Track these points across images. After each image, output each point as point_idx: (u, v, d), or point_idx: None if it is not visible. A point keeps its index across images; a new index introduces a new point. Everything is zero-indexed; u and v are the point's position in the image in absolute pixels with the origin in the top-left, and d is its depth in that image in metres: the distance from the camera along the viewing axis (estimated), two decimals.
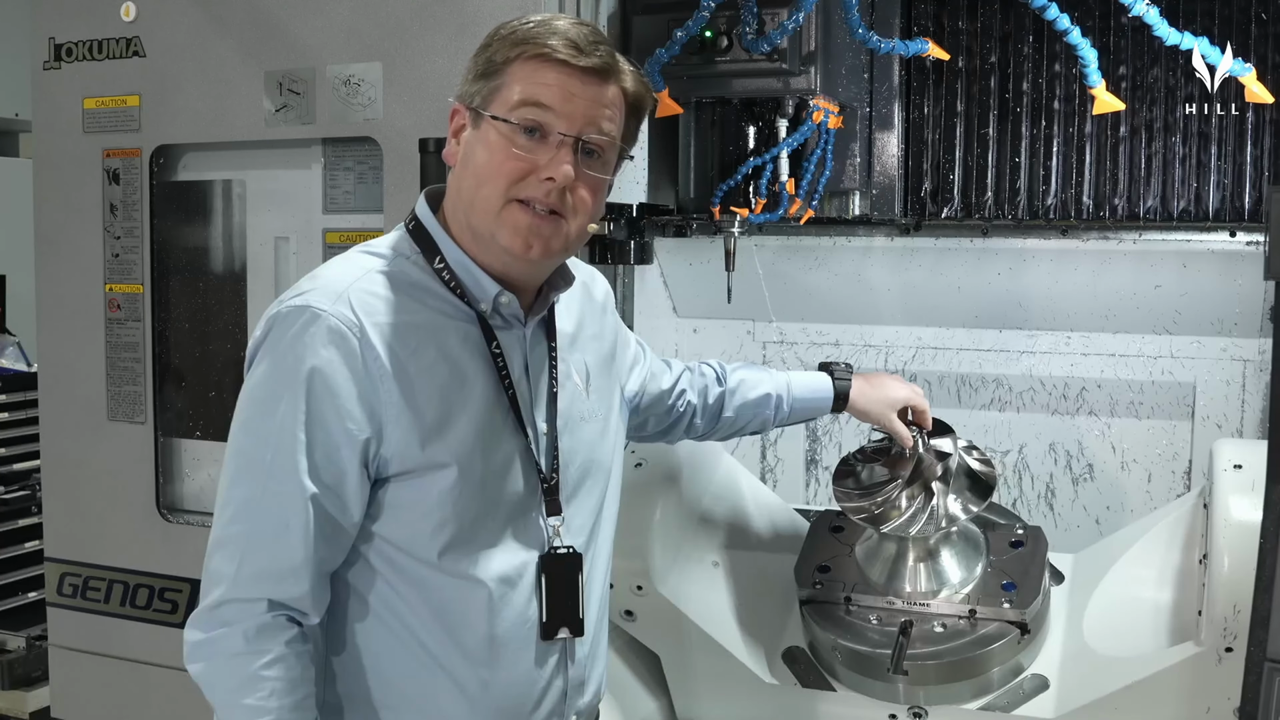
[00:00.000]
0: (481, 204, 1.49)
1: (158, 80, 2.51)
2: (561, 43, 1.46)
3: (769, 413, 2.04)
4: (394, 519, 1.49)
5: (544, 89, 1.47)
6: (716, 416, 2.02)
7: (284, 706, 1.43)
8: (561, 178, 1.47)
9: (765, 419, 2.04)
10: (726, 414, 2.01)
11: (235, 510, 1.46)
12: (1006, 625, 2.05)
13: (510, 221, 1.49)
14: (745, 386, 2.02)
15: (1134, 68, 2.43)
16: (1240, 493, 1.92)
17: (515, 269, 1.55)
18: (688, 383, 1.99)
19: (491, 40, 1.51)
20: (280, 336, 1.45)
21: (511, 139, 1.47)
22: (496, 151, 1.47)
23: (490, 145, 1.48)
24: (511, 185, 1.48)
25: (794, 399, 2.04)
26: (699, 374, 2.02)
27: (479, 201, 1.50)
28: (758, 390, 2.03)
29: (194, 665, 1.46)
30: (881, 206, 2.55)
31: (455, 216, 1.55)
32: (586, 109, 1.48)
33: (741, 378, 2.03)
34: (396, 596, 1.51)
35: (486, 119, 1.48)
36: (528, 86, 1.47)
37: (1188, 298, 2.58)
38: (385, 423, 1.45)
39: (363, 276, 1.50)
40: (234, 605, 1.44)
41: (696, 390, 2.00)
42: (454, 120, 1.54)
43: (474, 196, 1.50)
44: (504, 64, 1.48)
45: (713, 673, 2.23)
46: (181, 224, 2.61)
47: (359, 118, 2.31)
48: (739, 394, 2.02)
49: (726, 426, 2.04)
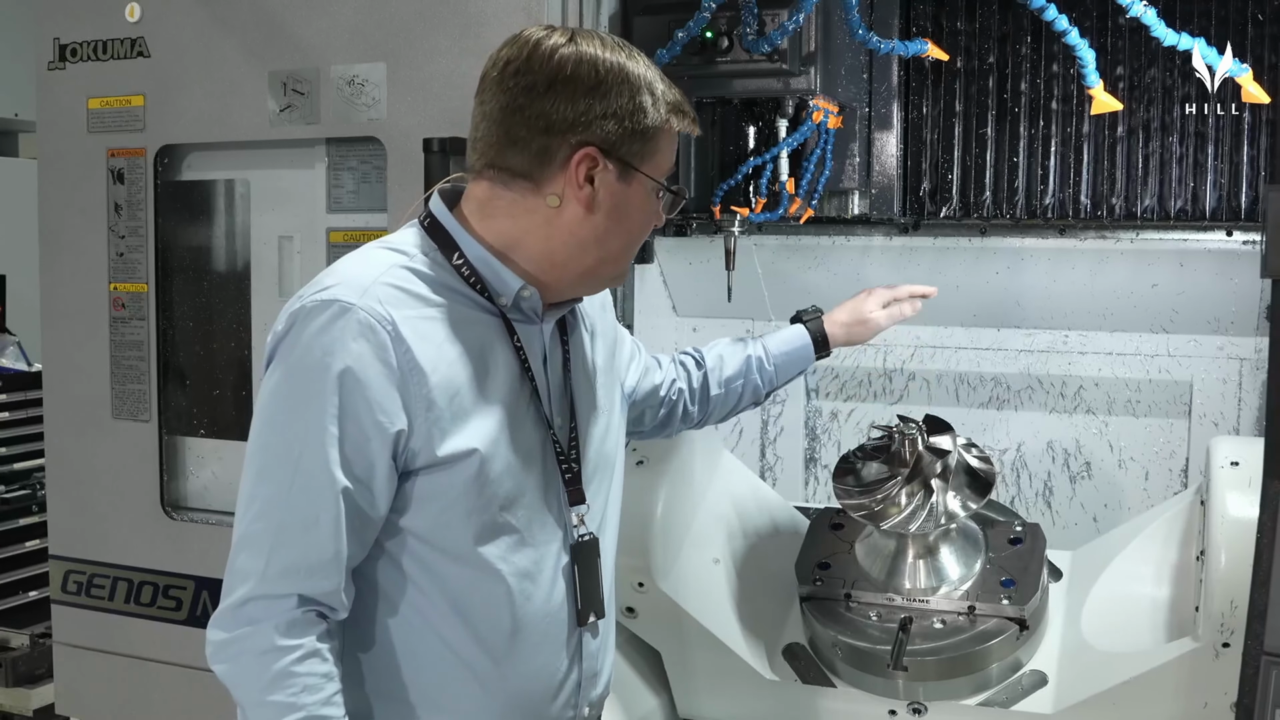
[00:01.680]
0: (624, 260, 1.59)
1: (162, 80, 2.50)
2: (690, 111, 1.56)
3: (755, 378, 2.03)
4: (420, 511, 1.49)
5: (674, 156, 1.58)
6: (706, 397, 2.01)
7: (317, 702, 1.41)
8: (661, 224, 1.61)
9: (755, 386, 2.03)
10: (715, 392, 2.01)
11: (262, 506, 1.44)
12: (1005, 621, 2.06)
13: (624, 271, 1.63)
14: (724, 361, 2.02)
15: (1131, 68, 2.43)
16: (1237, 489, 1.92)
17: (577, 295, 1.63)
18: (674, 373, 2.00)
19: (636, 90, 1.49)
20: (303, 331, 1.44)
21: (656, 201, 1.57)
22: (649, 215, 1.57)
23: (644, 207, 1.55)
24: None
25: (774, 355, 2.04)
26: (679, 364, 2.02)
27: (623, 257, 1.59)
28: (736, 360, 2.03)
29: (220, 665, 1.44)
30: (880, 206, 2.55)
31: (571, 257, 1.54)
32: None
33: (719, 354, 2.03)
34: (418, 590, 1.50)
35: (642, 177, 1.52)
36: (673, 155, 1.57)
37: (1185, 296, 2.59)
38: (414, 415, 1.45)
39: (386, 271, 1.49)
40: (261, 602, 1.42)
41: (682, 379, 2.00)
42: (584, 163, 1.48)
43: (618, 252, 1.57)
44: (659, 126, 1.51)
45: (713, 669, 2.24)
46: (185, 223, 2.60)
47: (363, 118, 2.31)
48: (720, 370, 2.02)
49: (720, 406, 2.03)
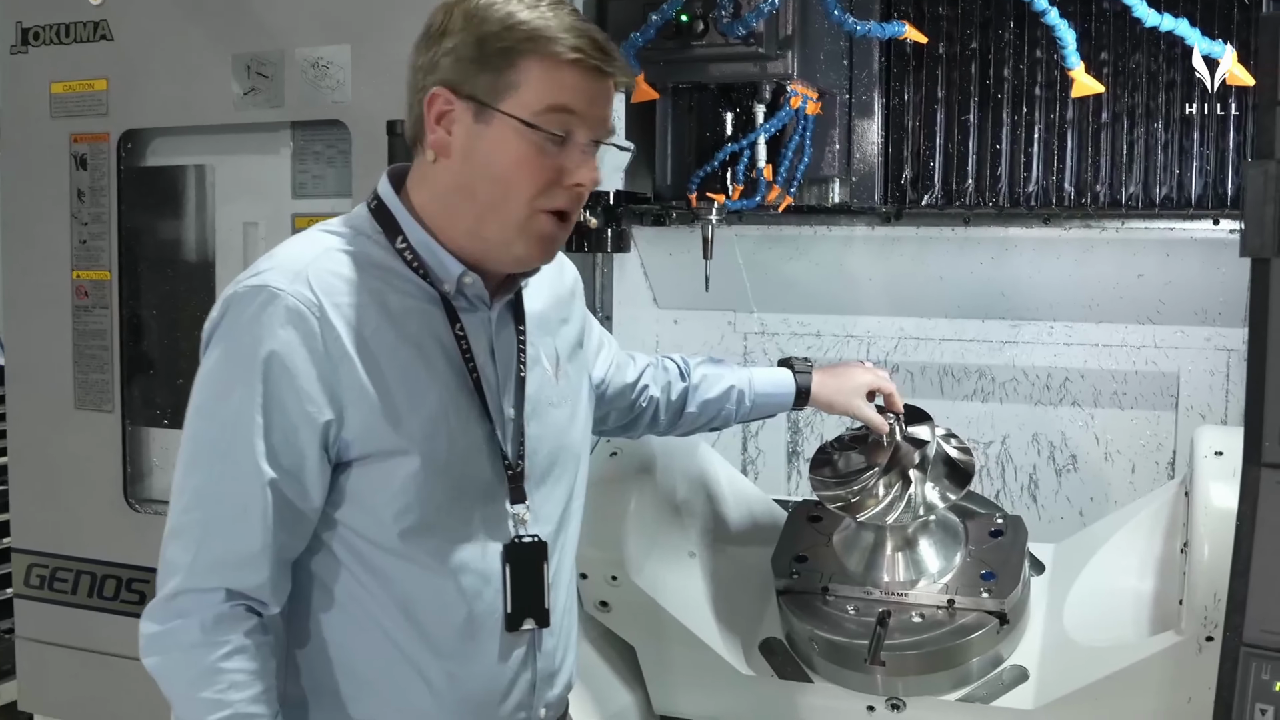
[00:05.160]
0: (506, 213, 1.44)
1: (125, 64, 2.48)
2: (584, 44, 1.41)
3: (730, 407, 2.00)
4: (356, 505, 1.46)
5: (569, 93, 1.42)
6: (679, 412, 1.98)
7: (244, 699, 1.39)
8: (591, 185, 1.45)
9: (727, 414, 2.01)
10: (689, 410, 1.98)
11: (190, 498, 1.42)
12: (985, 615, 2.03)
13: (536, 232, 1.46)
14: (708, 382, 1.99)
15: (1115, 53, 2.40)
16: (1221, 480, 1.90)
17: (507, 268, 1.52)
18: (651, 378, 1.95)
19: (483, 22, 1.41)
20: (237, 318, 1.41)
21: (541, 147, 1.42)
22: (524, 159, 1.42)
23: (513, 150, 1.42)
24: (539, 195, 1.44)
25: (756, 394, 2.01)
26: (661, 369, 1.98)
27: (502, 210, 1.44)
28: (720, 385, 1.99)
29: (150, 659, 1.42)
30: (861, 194, 2.53)
31: (449, 213, 1.47)
32: (602, 110, 1.46)
33: (704, 373, 1.99)
34: (360, 586, 1.47)
35: (501, 116, 1.41)
36: (553, 90, 1.41)
37: (1171, 287, 2.56)
38: (345, 405, 1.41)
39: (322, 255, 1.46)
40: (190, 595, 1.40)
41: (659, 386, 1.96)
42: (434, 105, 1.43)
43: (494, 203, 1.44)
44: (513, 56, 1.40)
45: (689, 665, 2.22)
46: (149, 210, 2.58)
47: (327, 100, 2.30)
48: (702, 389, 1.98)
49: (689, 422, 2.00)
